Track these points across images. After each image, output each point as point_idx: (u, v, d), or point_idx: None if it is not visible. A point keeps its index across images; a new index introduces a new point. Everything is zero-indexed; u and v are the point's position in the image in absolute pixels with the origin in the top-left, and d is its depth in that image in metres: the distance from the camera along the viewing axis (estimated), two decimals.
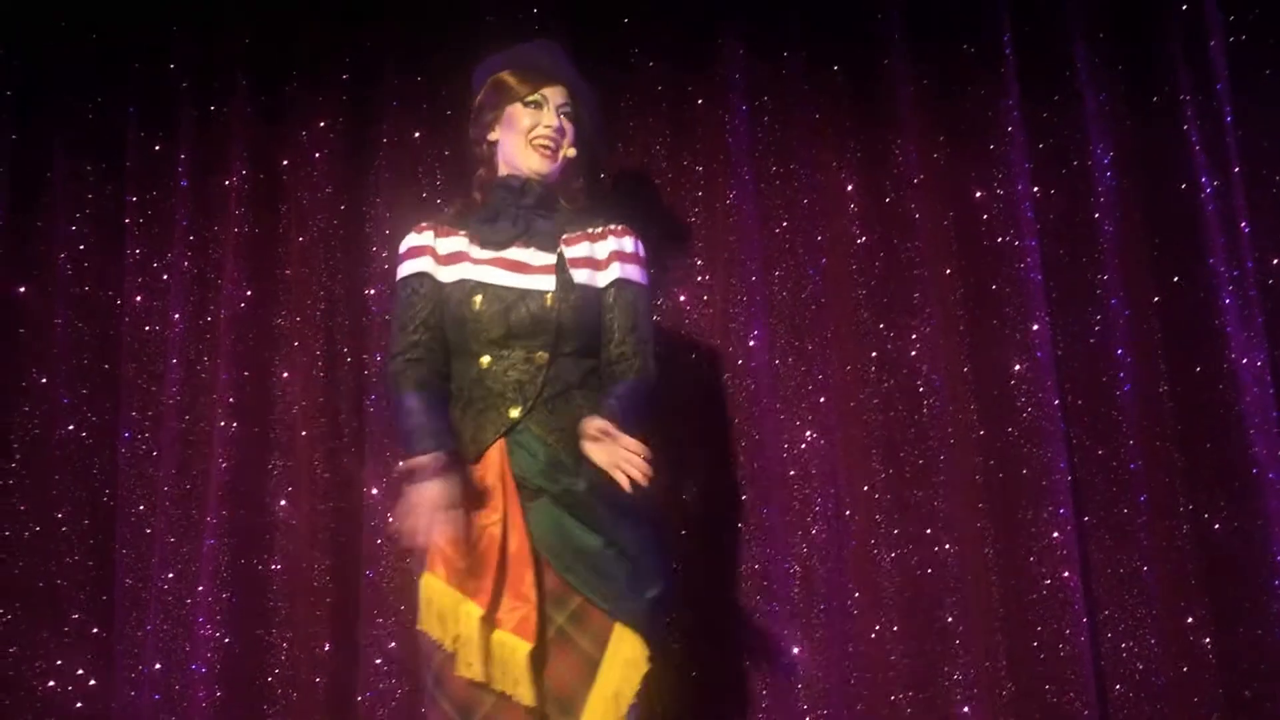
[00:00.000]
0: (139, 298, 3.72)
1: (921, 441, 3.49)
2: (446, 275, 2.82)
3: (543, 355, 2.74)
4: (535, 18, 3.65)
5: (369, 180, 3.70)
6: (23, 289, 3.77)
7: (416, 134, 3.66)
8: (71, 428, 3.70)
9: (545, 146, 2.86)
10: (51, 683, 3.62)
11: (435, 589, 2.63)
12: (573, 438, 2.65)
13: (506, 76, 2.92)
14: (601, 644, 2.64)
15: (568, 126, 2.90)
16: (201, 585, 3.49)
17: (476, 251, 2.82)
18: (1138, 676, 3.39)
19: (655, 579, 2.70)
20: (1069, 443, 3.47)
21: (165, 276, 3.72)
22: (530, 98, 2.88)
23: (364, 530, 3.50)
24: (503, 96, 2.90)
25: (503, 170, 2.92)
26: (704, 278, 3.58)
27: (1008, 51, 3.57)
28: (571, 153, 2.91)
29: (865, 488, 3.49)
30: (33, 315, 3.76)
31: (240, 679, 3.48)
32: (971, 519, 3.43)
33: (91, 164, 3.79)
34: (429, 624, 2.63)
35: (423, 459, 2.60)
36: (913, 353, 3.52)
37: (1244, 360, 3.45)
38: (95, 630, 3.65)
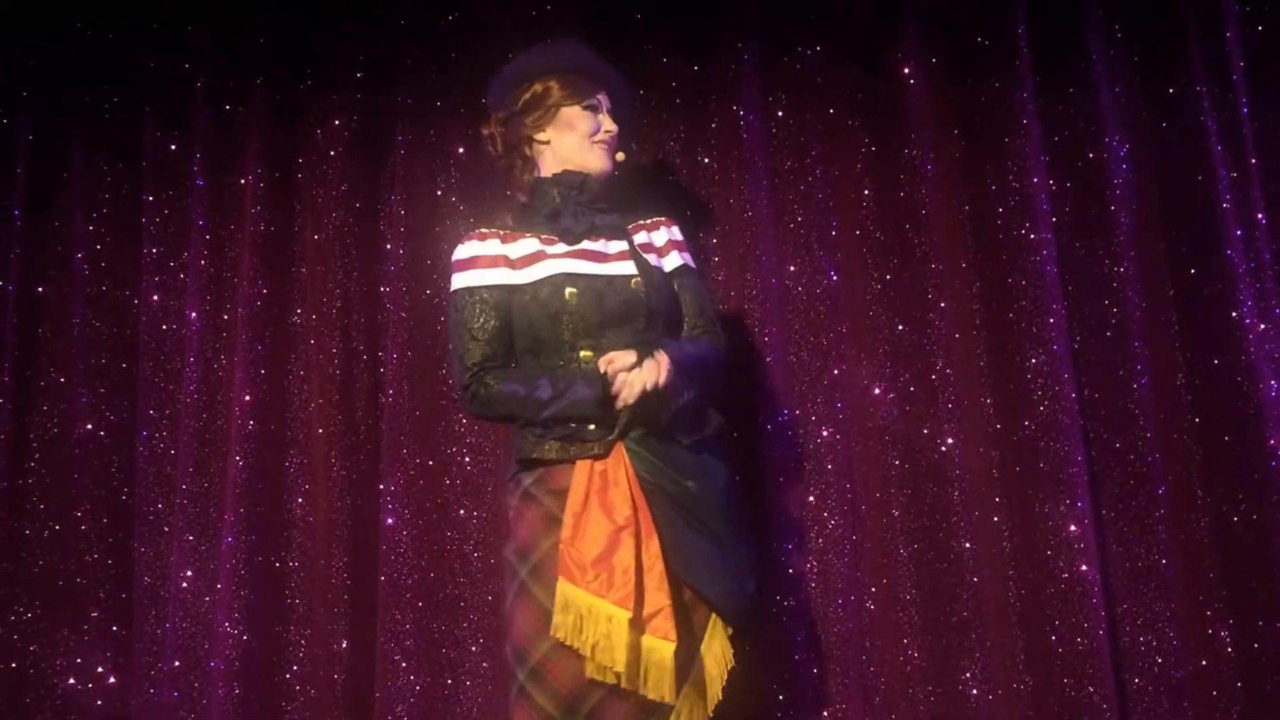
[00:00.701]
0: (156, 297, 3.74)
1: (937, 435, 3.48)
2: (527, 276, 2.83)
3: (637, 331, 2.78)
4: (549, 14, 3.66)
5: (384, 178, 3.71)
6: (41, 289, 3.80)
7: (431, 132, 3.67)
8: (90, 426, 3.73)
9: (606, 146, 2.95)
10: (71, 680, 3.65)
11: (573, 595, 2.60)
12: (686, 424, 2.75)
13: (558, 79, 2.96)
14: (699, 639, 2.69)
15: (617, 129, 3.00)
16: (220, 583, 3.52)
17: (552, 248, 2.85)
18: (1156, 670, 3.37)
19: (751, 575, 2.78)
20: (1086, 436, 3.44)
21: (182, 275, 3.74)
22: (589, 101, 2.95)
23: (381, 527, 3.51)
24: (556, 98, 2.94)
25: (553, 169, 2.95)
26: (719, 273, 3.58)
27: (1022, 44, 3.54)
28: (622, 156, 3.01)
29: (881, 482, 3.48)
30: (51, 315, 3.79)
31: (259, 676, 3.50)
32: (988, 513, 3.41)
33: (108, 164, 3.82)
34: (565, 631, 2.59)
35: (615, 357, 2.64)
36: (928, 346, 3.51)
37: (1262, 352, 3.43)
38: (115, 628, 3.68)
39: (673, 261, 2.96)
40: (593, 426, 2.70)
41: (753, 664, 3.36)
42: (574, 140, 2.94)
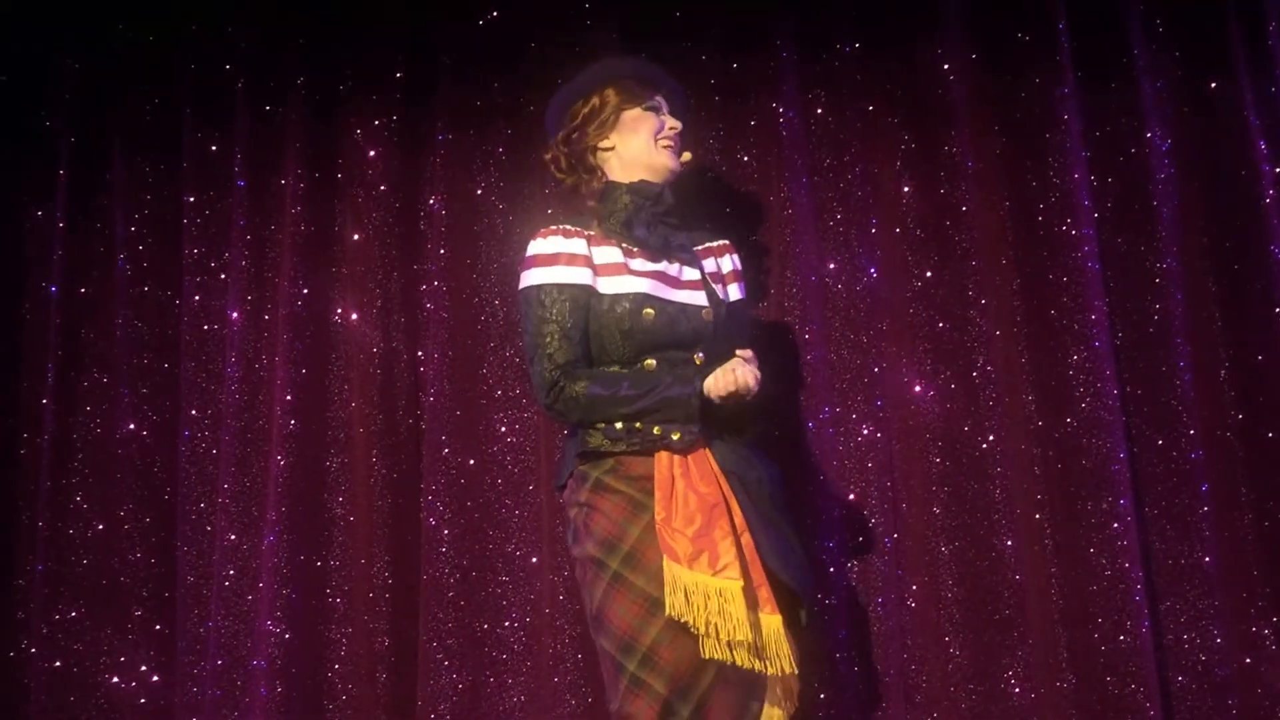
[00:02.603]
0: (197, 297, 3.75)
1: (978, 433, 3.47)
2: (607, 287, 2.82)
3: (698, 359, 2.82)
4: (587, 12, 3.65)
5: (423, 178, 3.72)
6: (83, 289, 3.82)
7: (471, 131, 3.67)
8: (132, 426, 3.74)
9: (673, 145, 2.97)
10: (115, 679, 3.67)
11: (680, 574, 2.59)
12: (747, 425, 2.84)
13: (615, 86, 2.98)
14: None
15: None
16: (262, 581, 3.53)
17: (634, 264, 2.86)
18: (1200, 668, 3.36)
19: (808, 561, 2.86)
20: (1128, 433, 3.43)
21: (223, 276, 3.75)
22: (649, 103, 2.97)
23: (422, 526, 3.52)
24: (619, 102, 2.96)
25: (621, 175, 2.96)
26: (759, 271, 3.57)
27: (1063, 39, 3.53)
28: (688, 156, 3.02)
29: (922, 480, 3.48)
30: (93, 315, 3.81)
31: (301, 674, 3.51)
32: (1030, 510, 3.40)
33: (149, 165, 3.84)
34: (679, 610, 2.56)
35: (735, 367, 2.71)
36: (969, 344, 3.50)
37: None
38: (158, 627, 3.69)
39: (734, 293, 3.02)
40: (677, 436, 2.71)
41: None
42: (639, 142, 2.95)
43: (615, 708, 2.65)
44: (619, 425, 2.73)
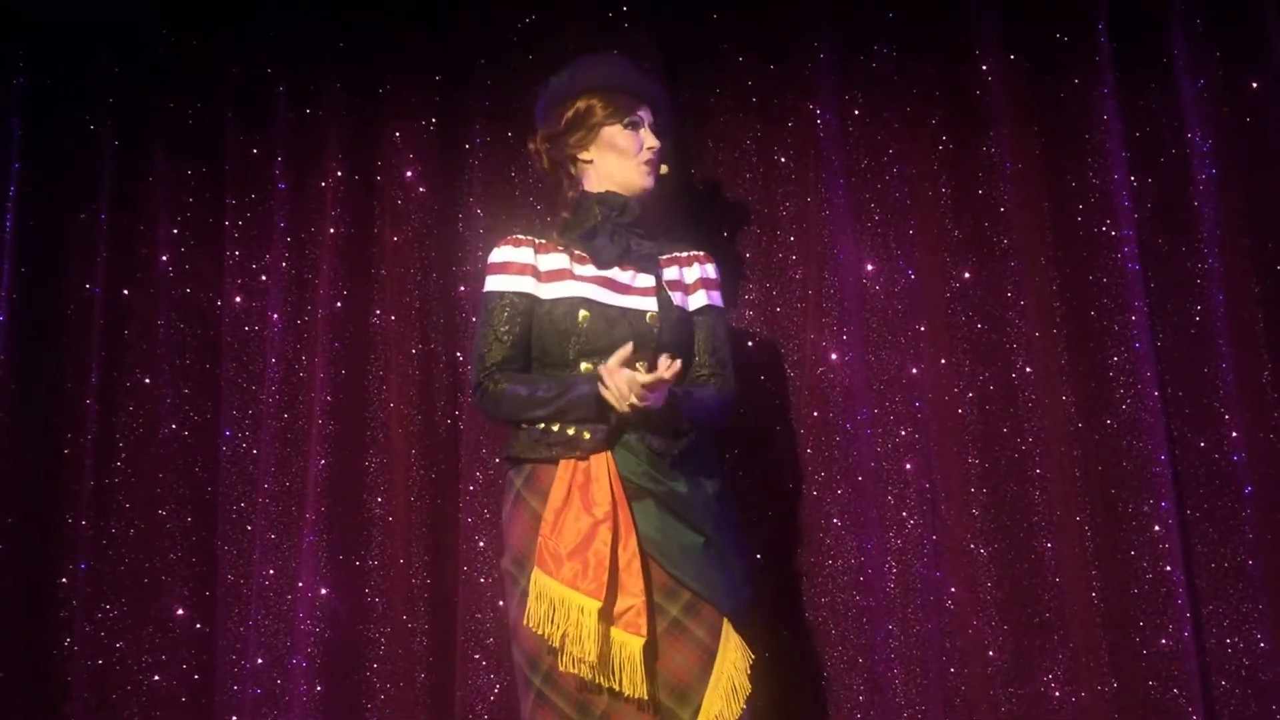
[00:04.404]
0: (238, 299, 3.78)
1: (1017, 435, 3.45)
2: (548, 292, 2.88)
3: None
4: (624, 15, 3.65)
5: (462, 180, 3.73)
6: (126, 291, 3.85)
7: (509, 133, 3.68)
8: (174, 427, 3.77)
9: (650, 164, 2.96)
10: (156, 677, 3.69)
11: (547, 585, 2.67)
12: (671, 439, 2.77)
13: (600, 97, 2.97)
14: (715, 635, 2.72)
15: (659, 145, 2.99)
16: (301, 581, 3.55)
17: (580, 269, 2.89)
18: (1244, 672, 3.33)
19: (746, 579, 2.83)
20: (1169, 435, 3.41)
21: (264, 277, 3.78)
22: (630, 119, 2.96)
23: (460, 526, 3.53)
24: (599, 118, 2.96)
25: (597, 187, 2.98)
26: (796, 272, 3.56)
27: (1102, 39, 3.51)
28: (665, 169, 3.01)
29: (961, 482, 3.46)
30: (136, 317, 3.83)
31: (340, 674, 3.53)
32: (1070, 513, 3.38)
33: (191, 168, 3.86)
34: (537, 620, 2.67)
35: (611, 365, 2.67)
36: (1008, 345, 3.48)
37: None
38: (198, 625, 3.72)
39: (698, 300, 2.99)
40: (587, 435, 2.75)
41: (833, 665, 3.38)
42: (616, 159, 2.96)
43: (525, 718, 2.75)
44: (540, 428, 2.79)
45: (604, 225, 2.92)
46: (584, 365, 2.82)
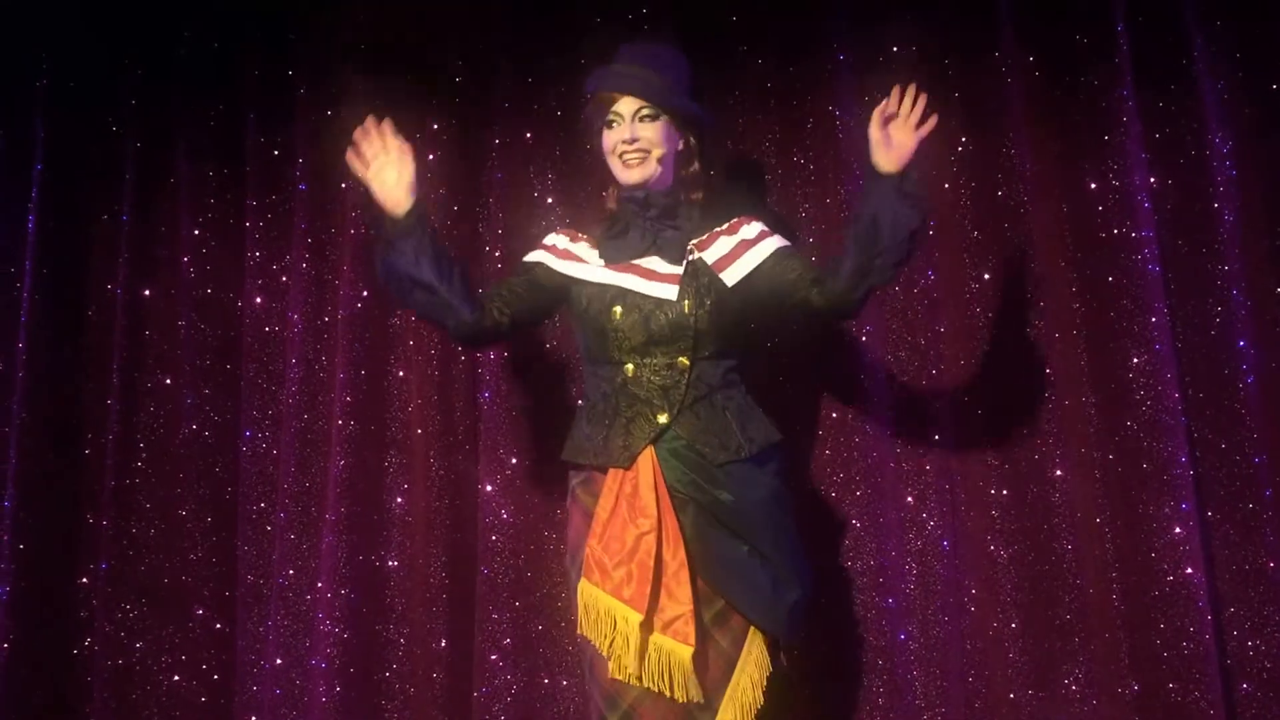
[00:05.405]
0: (259, 299, 3.79)
1: (1037, 436, 3.44)
2: (579, 272, 2.94)
3: (684, 360, 2.83)
4: (644, 17, 3.66)
5: (481, 181, 3.74)
6: (147, 292, 3.87)
7: (528, 134, 3.69)
8: (195, 427, 3.79)
9: (631, 158, 2.92)
10: (177, 677, 3.72)
11: (593, 595, 2.74)
12: (719, 444, 2.80)
13: (590, 104, 2.99)
14: (739, 644, 2.76)
15: (652, 129, 2.91)
16: (321, 581, 3.56)
17: (611, 262, 2.93)
18: (1266, 675, 3.31)
19: (796, 585, 2.83)
20: (1190, 436, 3.39)
21: (284, 278, 3.80)
22: (605, 118, 2.95)
23: (479, 526, 3.54)
24: (591, 125, 2.99)
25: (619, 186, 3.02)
26: None
27: (1122, 40, 3.49)
28: (659, 152, 2.92)
29: (981, 483, 3.46)
30: (157, 317, 3.86)
31: (359, 674, 3.54)
32: (1090, 514, 3.37)
33: (213, 169, 3.89)
34: (587, 628, 2.74)
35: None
36: (1028, 347, 3.47)
37: None
38: (218, 625, 3.74)
39: (773, 244, 2.94)
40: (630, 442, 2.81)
41: (852, 667, 3.37)
42: (607, 159, 2.98)
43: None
44: (585, 433, 2.88)
45: (635, 221, 2.95)
46: (629, 367, 2.85)
